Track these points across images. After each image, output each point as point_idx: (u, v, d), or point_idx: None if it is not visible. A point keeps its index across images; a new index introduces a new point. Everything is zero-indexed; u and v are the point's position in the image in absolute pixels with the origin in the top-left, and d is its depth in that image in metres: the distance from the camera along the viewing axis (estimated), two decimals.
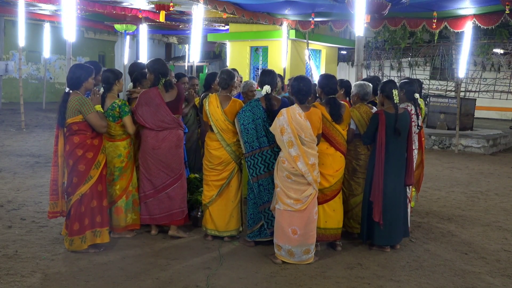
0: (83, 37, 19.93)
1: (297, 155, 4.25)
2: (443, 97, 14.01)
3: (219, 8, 9.59)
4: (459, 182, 8.31)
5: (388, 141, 4.62)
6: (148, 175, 4.82)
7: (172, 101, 4.74)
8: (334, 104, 4.59)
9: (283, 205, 4.30)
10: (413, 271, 4.32)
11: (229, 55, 14.64)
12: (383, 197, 4.61)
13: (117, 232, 4.82)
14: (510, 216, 6.27)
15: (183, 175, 4.88)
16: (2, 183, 6.95)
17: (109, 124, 4.65)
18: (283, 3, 9.74)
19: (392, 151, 4.65)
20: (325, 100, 4.66)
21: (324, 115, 4.55)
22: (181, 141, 4.84)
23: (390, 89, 4.69)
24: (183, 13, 12.59)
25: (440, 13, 9.87)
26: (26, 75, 19.73)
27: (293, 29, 12.58)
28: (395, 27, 10.95)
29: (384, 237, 4.70)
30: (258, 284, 3.93)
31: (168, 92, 4.74)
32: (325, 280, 4.05)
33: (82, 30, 18.60)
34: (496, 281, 4.19)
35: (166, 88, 4.73)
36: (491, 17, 9.58)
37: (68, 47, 7.08)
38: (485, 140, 11.83)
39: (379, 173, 4.61)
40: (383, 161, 4.62)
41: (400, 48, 17.22)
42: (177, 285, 3.84)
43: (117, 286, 3.81)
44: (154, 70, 4.75)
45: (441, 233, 5.44)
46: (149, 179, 4.82)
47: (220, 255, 4.51)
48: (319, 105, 4.62)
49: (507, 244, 5.17)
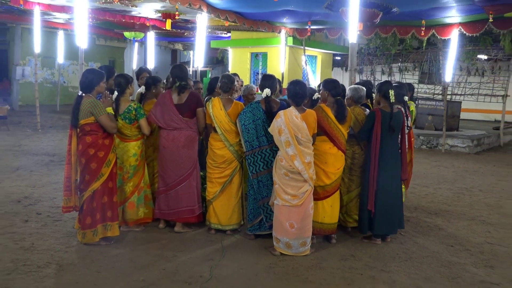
0: (95, 43, 19.91)
1: (294, 154, 4.26)
2: (431, 100, 14.00)
3: (221, 16, 9.59)
4: (446, 179, 8.31)
5: (383, 137, 4.65)
6: (162, 172, 4.86)
7: (182, 104, 4.76)
8: (341, 105, 4.60)
9: (281, 200, 4.31)
10: (403, 262, 4.32)
11: (231, 61, 14.65)
12: (379, 189, 4.64)
13: (130, 225, 4.84)
14: (493, 211, 6.28)
15: (191, 175, 4.83)
16: (19, 180, 6.96)
17: (124, 126, 4.68)
18: (281, 12, 9.74)
19: (386, 147, 4.67)
20: (331, 101, 4.66)
21: (329, 115, 4.56)
22: (190, 141, 4.80)
23: (386, 89, 4.72)
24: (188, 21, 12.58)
25: (428, 22, 9.88)
26: (42, 80, 19.71)
27: (291, 36, 12.58)
28: (386, 35, 10.96)
29: (383, 227, 4.72)
30: (258, 275, 3.93)
31: (179, 95, 4.76)
32: (320, 270, 4.06)
33: (94, 37, 18.59)
34: (479, 271, 4.20)
35: (178, 91, 4.76)
36: (475, 25, 9.59)
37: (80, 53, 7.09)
38: (470, 140, 11.83)
39: (374, 166, 4.64)
40: (378, 155, 4.64)
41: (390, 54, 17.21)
42: (182, 276, 3.85)
43: (127, 276, 3.81)
44: (172, 74, 4.87)
45: (428, 227, 5.45)
46: (162, 176, 4.86)
47: (222, 247, 4.52)
48: (324, 107, 4.62)
49: (490, 237, 5.17)
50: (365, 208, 4.74)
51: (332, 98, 4.65)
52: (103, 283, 3.67)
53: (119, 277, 3.78)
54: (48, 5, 10.81)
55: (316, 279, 3.88)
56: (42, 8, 10.83)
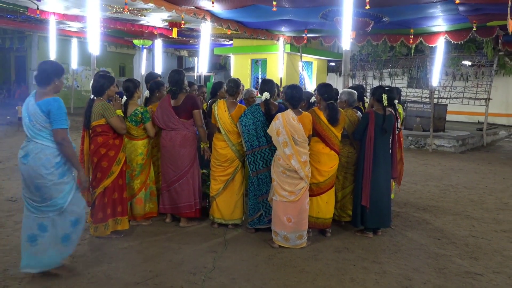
0: (106, 50, 19.92)
1: (291, 154, 4.25)
2: (419, 103, 14.00)
3: (224, 25, 9.58)
4: (433, 177, 8.30)
5: (376, 137, 4.64)
6: (163, 170, 4.87)
7: (178, 106, 4.76)
8: (333, 109, 4.59)
9: (279, 196, 4.31)
10: (393, 254, 4.32)
11: (233, 66, 14.65)
12: (372, 186, 4.63)
13: (138, 219, 4.84)
14: (477, 207, 6.27)
15: (189, 172, 4.80)
16: None
17: (131, 127, 4.67)
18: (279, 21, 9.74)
19: (378, 146, 4.67)
20: (324, 105, 4.65)
21: (322, 118, 4.55)
22: (186, 141, 4.76)
23: (380, 93, 4.73)
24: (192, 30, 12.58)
25: (416, 30, 9.88)
26: None
27: (289, 44, 12.59)
28: (377, 42, 10.96)
29: (375, 221, 4.71)
30: (258, 265, 3.93)
31: (174, 98, 4.77)
32: (316, 262, 4.06)
33: (105, 44, 18.60)
34: (464, 262, 4.19)
35: (171, 95, 4.77)
36: (460, 33, 9.59)
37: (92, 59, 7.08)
38: (455, 140, 11.83)
39: (368, 165, 4.63)
40: (371, 154, 4.64)
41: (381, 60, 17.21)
42: (187, 266, 3.85)
43: (136, 267, 3.81)
44: (168, 79, 4.86)
45: (417, 221, 5.44)
46: (163, 173, 4.87)
47: (225, 240, 4.52)
48: (317, 110, 4.61)
49: (474, 231, 5.17)
50: (358, 204, 4.73)
51: (325, 102, 4.64)
52: (114, 273, 3.66)
53: (128, 268, 3.78)
54: (63, 14, 10.82)
55: (312, 269, 3.88)
56: (57, 18, 10.84)
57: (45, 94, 3.35)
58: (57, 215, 3.37)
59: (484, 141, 13.44)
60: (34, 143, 3.28)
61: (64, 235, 3.42)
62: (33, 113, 3.27)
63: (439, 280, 3.78)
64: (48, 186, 3.29)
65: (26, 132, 3.32)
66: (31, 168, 3.26)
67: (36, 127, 3.28)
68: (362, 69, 17.98)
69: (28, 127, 3.30)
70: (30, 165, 3.26)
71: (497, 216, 5.84)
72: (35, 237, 3.35)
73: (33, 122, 3.27)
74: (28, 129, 3.30)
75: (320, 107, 4.67)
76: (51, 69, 3.42)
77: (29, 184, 3.31)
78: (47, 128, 3.29)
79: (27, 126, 3.30)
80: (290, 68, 13.47)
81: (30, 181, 3.29)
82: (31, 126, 3.28)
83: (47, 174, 3.27)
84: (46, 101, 3.28)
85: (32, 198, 3.34)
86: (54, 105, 3.28)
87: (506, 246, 4.71)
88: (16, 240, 4.28)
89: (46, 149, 3.28)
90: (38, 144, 3.28)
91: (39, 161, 3.25)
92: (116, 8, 9.59)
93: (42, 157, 3.26)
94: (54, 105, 3.28)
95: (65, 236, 3.43)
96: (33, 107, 3.29)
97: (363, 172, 4.68)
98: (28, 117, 3.29)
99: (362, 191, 4.66)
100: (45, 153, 3.28)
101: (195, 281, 3.56)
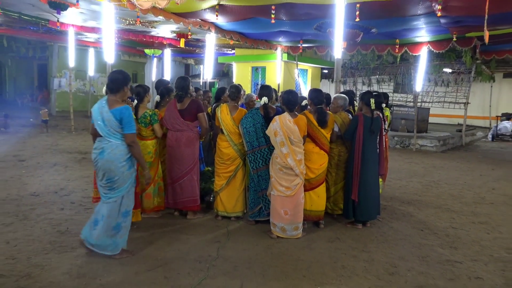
0: (120, 59, 19.89)
1: (287, 153, 4.25)
2: (403, 107, 13.98)
3: (227, 36, 9.58)
4: (416, 173, 8.30)
5: (365, 137, 4.64)
6: (169, 167, 4.85)
7: (183, 109, 4.76)
8: (321, 112, 4.59)
9: (277, 191, 4.30)
10: (380, 244, 4.32)
11: (235, 73, 14.63)
12: (361, 182, 4.63)
13: (147, 212, 4.83)
14: (456, 201, 6.27)
15: (192, 170, 4.78)
16: (56, 174, 6.95)
17: (141, 128, 4.67)
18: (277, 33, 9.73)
19: (367, 146, 4.67)
20: (313, 109, 4.65)
21: (312, 121, 4.54)
22: (190, 141, 4.75)
23: (368, 98, 4.73)
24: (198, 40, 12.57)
25: (401, 40, 9.87)
26: (75, 89, 19.70)
27: (286, 53, 12.57)
28: (366, 51, 10.94)
29: (364, 214, 4.71)
30: (258, 254, 3.92)
31: (180, 102, 4.77)
32: (310, 251, 4.05)
33: (119, 53, 18.58)
34: (445, 251, 4.19)
35: (177, 99, 4.78)
36: (441, 43, 9.59)
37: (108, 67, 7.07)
38: (437, 140, 11.82)
39: (358, 163, 4.63)
40: (360, 153, 4.63)
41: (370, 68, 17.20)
42: (194, 255, 3.84)
43: (146, 255, 3.81)
44: (175, 85, 4.88)
45: (402, 214, 5.44)
46: (169, 170, 4.85)
47: (228, 231, 4.52)
48: (308, 113, 4.61)
49: (454, 223, 5.16)
50: (349, 198, 4.73)
51: (315, 106, 4.64)
52: (127, 261, 3.66)
53: (140, 256, 3.78)
54: (81, 26, 10.81)
55: (307, 258, 3.88)
56: (76, 29, 10.83)
57: (115, 102, 3.59)
58: (115, 203, 3.60)
59: (463, 141, 13.44)
60: (109, 141, 3.55)
61: (116, 224, 3.64)
62: (108, 119, 3.52)
63: (422, 267, 3.78)
64: (119, 176, 3.57)
65: (100, 132, 3.57)
66: (108, 161, 3.54)
67: (110, 131, 3.53)
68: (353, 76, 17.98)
69: (102, 129, 3.55)
70: (107, 159, 3.54)
71: (474, 209, 5.84)
72: (97, 221, 3.64)
73: (107, 126, 3.53)
74: (103, 130, 3.55)
75: (310, 111, 4.67)
76: (122, 78, 3.63)
77: (103, 174, 3.57)
78: (119, 132, 3.55)
79: (101, 128, 3.55)
80: (287, 75, 13.45)
81: (105, 172, 3.56)
82: (105, 129, 3.54)
83: (120, 166, 3.55)
84: (119, 110, 3.52)
85: (103, 187, 3.62)
86: (125, 114, 3.54)
87: (483, 236, 4.70)
88: (39, 231, 4.29)
89: (120, 146, 3.57)
90: (113, 143, 3.55)
91: (114, 156, 3.54)
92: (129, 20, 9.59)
93: (117, 153, 3.54)
94: (126, 113, 3.54)
95: (116, 225, 3.65)
96: (107, 114, 3.52)
97: (353, 169, 4.68)
98: (102, 121, 3.54)
99: (352, 186, 4.66)
100: (120, 149, 3.56)
101: (201, 269, 3.56)
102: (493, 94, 17.30)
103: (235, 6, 7.06)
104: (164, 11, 7.42)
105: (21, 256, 3.68)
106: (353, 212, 4.74)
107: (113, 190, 3.60)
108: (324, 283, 3.38)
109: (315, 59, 14.28)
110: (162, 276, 3.40)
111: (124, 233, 3.72)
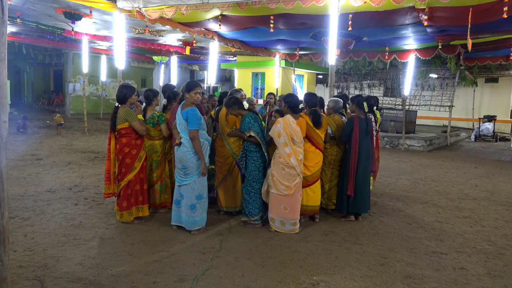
0: (130, 65, 19.87)
1: (290, 153, 4.23)
2: (393, 109, 13.97)
3: (229, 44, 9.56)
4: (405, 171, 8.29)
5: (361, 138, 4.63)
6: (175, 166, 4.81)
7: None
8: (316, 114, 4.58)
9: (277, 190, 4.27)
10: (371, 237, 4.31)
11: (237, 79, 14.62)
12: (356, 179, 4.62)
13: (154, 208, 4.81)
14: (442, 196, 6.26)
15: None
16: (70, 172, 6.94)
17: (149, 129, 4.66)
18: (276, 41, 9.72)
19: (362, 146, 4.66)
20: (308, 111, 4.64)
21: (308, 122, 4.53)
22: None
23: (360, 100, 4.71)
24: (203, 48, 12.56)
25: (391, 48, 9.86)
26: (88, 94, 19.68)
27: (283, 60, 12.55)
28: (358, 58, 10.92)
29: (356, 207, 4.71)
30: (258, 246, 3.91)
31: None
32: (306, 243, 4.04)
33: (129, 60, 18.55)
34: (432, 244, 4.18)
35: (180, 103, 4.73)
36: (428, 50, 9.57)
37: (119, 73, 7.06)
38: (424, 140, 11.80)
39: (354, 161, 4.62)
40: (357, 153, 4.62)
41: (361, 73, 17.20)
42: (198, 247, 3.84)
43: (154, 247, 3.80)
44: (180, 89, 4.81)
45: (391, 209, 5.43)
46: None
47: (229, 225, 4.51)
48: (304, 115, 4.60)
49: (440, 217, 5.15)
50: (343, 193, 4.72)
51: (309, 108, 4.63)
52: (136, 253, 3.65)
53: (148, 248, 3.77)
54: (94, 35, 10.80)
55: (303, 249, 3.87)
56: (89, 38, 10.82)
57: (186, 105, 4.08)
58: (189, 187, 4.06)
59: (448, 141, 13.42)
60: (183, 138, 4.02)
61: (191, 204, 4.10)
62: (180, 118, 4.04)
63: (410, 258, 3.77)
64: (190, 164, 4.02)
65: (178, 129, 4.07)
66: (182, 153, 4.03)
67: (181, 128, 4.03)
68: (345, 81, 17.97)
69: (178, 126, 4.05)
70: (182, 151, 4.03)
71: (459, 204, 5.83)
72: (179, 202, 4.16)
73: (180, 124, 4.04)
74: (178, 128, 4.06)
75: (306, 113, 4.66)
76: (185, 87, 4.09)
77: (180, 163, 4.07)
78: (188, 129, 3.99)
79: (178, 126, 4.07)
80: (284, 80, 13.44)
81: (181, 162, 4.05)
82: (180, 127, 4.04)
83: (191, 157, 4.01)
84: (186, 111, 4.01)
85: (179, 173, 4.11)
86: (190, 113, 3.99)
87: (467, 229, 4.69)
88: (54, 225, 4.28)
89: (190, 141, 4.01)
90: (186, 138, 4.02)
91: (186, 149, 4.02)
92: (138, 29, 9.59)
93: (188, 146, 4.01)
94: (190, 113, 3.99)
95: (191, 205, 4.10)
96: (179, 115, 4.05)
97: (349, 167, 4.66)
98: (178, 120, 4.07)
99: (348, 183, 4.64)
100: (190, 143, 4.00)
101: (205, 259, 3.55)
102: (476, 98, 17.28)
103: (236, 16, 7.05)
104: (171, 21, 7.40)
105: (38, 248, 3.68)
106: (347, 207, 4.73)
107: (186, 175, 4.06)
108: (319, 273, 3.37)
109: (310, 65, 14.26)
110: (169, 266, 3.39)
111: (200, 212, 4.13)
